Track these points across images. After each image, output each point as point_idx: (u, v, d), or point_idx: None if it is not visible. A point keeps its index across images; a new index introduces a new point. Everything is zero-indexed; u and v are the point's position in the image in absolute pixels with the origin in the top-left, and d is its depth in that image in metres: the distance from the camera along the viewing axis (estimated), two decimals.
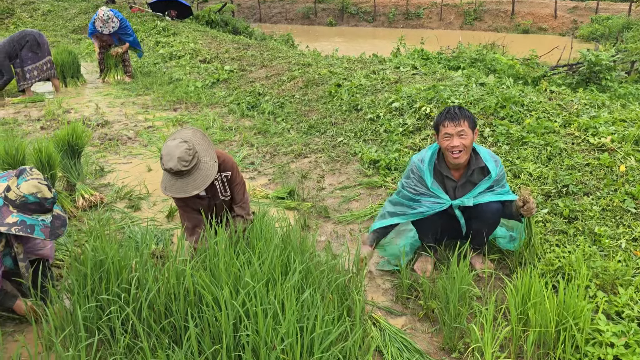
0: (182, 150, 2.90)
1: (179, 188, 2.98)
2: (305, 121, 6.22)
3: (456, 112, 2.94)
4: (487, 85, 5.87)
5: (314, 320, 2.19)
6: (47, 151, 3.85)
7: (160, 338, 2.32)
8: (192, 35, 11.83)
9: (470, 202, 3.02)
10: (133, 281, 2.41)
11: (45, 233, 2.51)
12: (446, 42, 12.29)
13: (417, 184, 3.09)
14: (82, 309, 2.31)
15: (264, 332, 2.04)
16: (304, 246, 2.89)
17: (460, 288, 2.61)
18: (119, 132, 6.30)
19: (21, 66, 7.83)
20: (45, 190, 2.51)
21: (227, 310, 2.12)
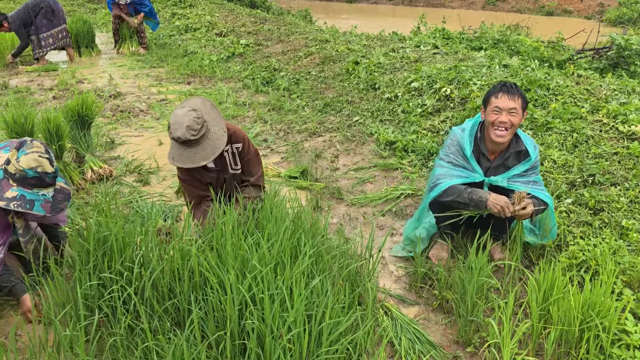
0: (191, 118, 2.78)
1: (187, 158, 2.86)
2: (320, 99, 6.05)
3: (512, 86, 2.82)
4: (511, 67, 5.64)
5: (324, 309, 2.08)
6: (55, 121, 3.75)
7: (163, 320, 2.23)
8: (208, 8, 11.61)
9: (503, 182, 2.89)
10: (137, 260, 2.31)
11: (45, 208, 2.43)
12: (468, 22, 11.92)
13: (456, 153, 2.96)
14: (83, 286, 2.22)
15: (270, 319, 1.94)
16: (315, 229, 2.78)
17: (479, 280, 2.48)
18: (132, 104, 6.19)
19: (36, 33, 7.72)
20: (46, 164, 2.41)
21: (233, 294, 2.02)
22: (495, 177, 2.90)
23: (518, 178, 2.89)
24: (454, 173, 2.94)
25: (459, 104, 5.02)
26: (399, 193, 3.87)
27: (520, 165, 2.89)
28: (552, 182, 3.59)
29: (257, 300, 2.06)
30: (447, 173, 2.94)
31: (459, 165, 2.95)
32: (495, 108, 2.80)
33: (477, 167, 2.92)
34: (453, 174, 2.93)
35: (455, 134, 3.02)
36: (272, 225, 2.55)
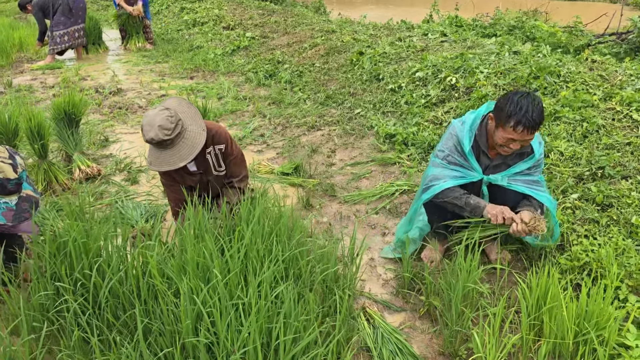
0: (163, 117, 2.63)
1: (164, 161, 2.72)
2: (322, 91, 5.85)
3: (535, 118, 2.38)
4: (522, 53, 5.34)
5: (289, 320, 1.90)
6: (37, 120, 3.64)
7: (123, 334, 2.08)
8: (217, 1, 11.47)
9: (503, 181, 2.64)
10: (94, 267, 2.17)
11: (6, 217, 2.30)
12: (485, 10, 11.52)
13: (452, 149, 2.71)
14: (34, 296, 2.09)
15: (223, 334, 1.77)
16: (295, 230, 2.60)
17: (465, 285, 2.27)
18: (131, 100, 6.09)
19: (51, 30, 7.77)
20: (8, 170, 2.28)
21: (187, 306, 1.85)
22: (495, 175, 2.66)
23: (519, 177, 2.65)
24: (449, 173, 2.69)
25: (464, 94, 4.76)
26: (394, 189, 3.66)
27: (522, 163, 2.64)
28: (558, 176, 3.33)
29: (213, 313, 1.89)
30: (442, 173, 2.70)
31: (455, 164, 2.70)
32: (510, 138, 2.48)
33: (475, 165, 2.67)
34: (448, 174, 2.69)
35: (454, 127, 2.75)
36: (243, 228, 2.38)
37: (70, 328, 2.06)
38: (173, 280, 2.09)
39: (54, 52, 7.88)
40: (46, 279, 2.20)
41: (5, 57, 7.83)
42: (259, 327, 1.79)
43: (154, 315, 2.03)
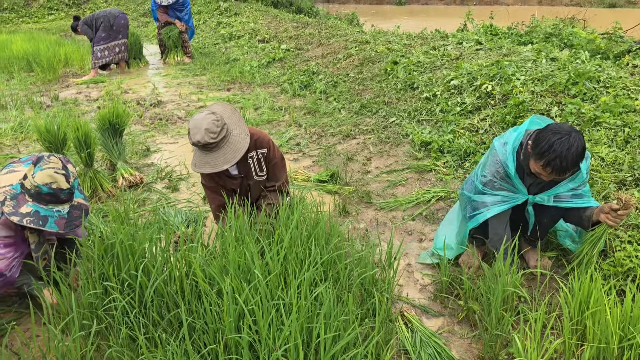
0: (209, 121, 2.71)
1: (208, 163, 2.79)
2: (357, 100, 5.90)
3: (565, 165, 2.30)
4: (559, 60, 5.27)
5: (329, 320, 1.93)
6: (84, 130, 3.80)
7: (167, 332, 2.15)
8: (252, 15, 11.72)
9: (549, 201, 2.57)
10: (140, 268, 2.25)
11: (59, 225, 2.39)
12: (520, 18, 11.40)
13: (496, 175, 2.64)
14: (84, 295, 2.18)
15: (265, 332, 1.81)
16: (333, 235, 2.63)
17: (505, 290, 2.25)
18: (171, 111, 6.27)
19: (93, 45, 8.16)
20: (61, 180, 2.38)
21: (230, 305, 1.91)
22: (541, 195, 2.60)
23: (564, 194, 2.58)
24: (493, 200, 2.65)
25: (500, 101, 4.72)
26: (430, 196, 3.66)
27: (568, 182, 2.54)
28: (600, 182, 3.27)
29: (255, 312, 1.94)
30: (487, 200, 2.66)
31: (500, 189, 2.64)
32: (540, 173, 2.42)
33: (520, 186, 2.61)
34: (492, 200, 2.65)
35: (496, 151, 2.66)
36: (282, 231, 2.43)
37: (117, 326, 2.14)
38: (215, 281, 2.15)
39: (96, 67, 8.20)
40: (95, 279, 2.29)
41: (52, 72, 8.18)
42: (299, 326, 1.82)
43: (197, 315, 2.09)
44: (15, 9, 16.29)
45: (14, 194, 2.38)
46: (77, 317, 2.06)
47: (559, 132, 2.33)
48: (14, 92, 7.19)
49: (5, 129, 5.53)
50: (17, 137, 5.37)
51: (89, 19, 8.11)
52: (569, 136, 2.31)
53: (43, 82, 7.98)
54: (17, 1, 16.64)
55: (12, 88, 7.53)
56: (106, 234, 2.55)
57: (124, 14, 8.34)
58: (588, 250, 2.56)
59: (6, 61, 8.76)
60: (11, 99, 6.77)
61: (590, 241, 2.55)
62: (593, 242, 2.55)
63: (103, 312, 2.21)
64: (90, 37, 8.19)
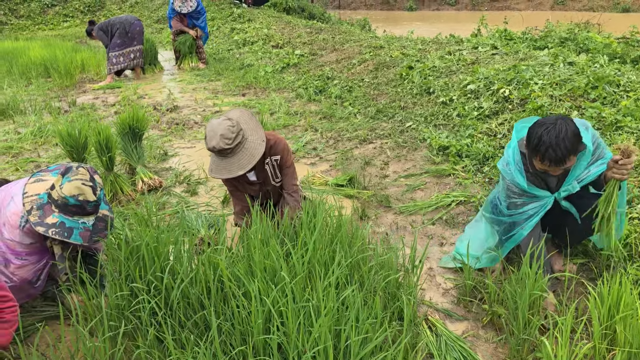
0: (225, 127, 2.73)
1: (224, 169, 2.81)
2: (373, 105, 5.90)
3: (559, 154, 2.27)
4: (577, 64, 5.24)
5: (355, 323, 1.93)
6: (105, 133, 3.84)
7: (193, 333, 2.16)
8: (266, 22, 11.79)
9: (576, 186, 2.51)
10: (166, 270, 2.26)
11: (84, 237, 2.37)
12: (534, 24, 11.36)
13: (513, 195, 2.62)
14: (112, 297, 2.20)
15: (294, 334, 1.81)
16: (355, 238, 2.63)
17: (532, 293, 2.23)
18: (187, 116, 6.32)
19: (108, 51, 8.25)
20: (88, 192, 2.36)
21: (257, 307, 1.91)
22: (564, 187, 2.55)
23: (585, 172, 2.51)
24: (523, 217, 2.61)
25: (518, 105, 4.70)
26: (450, 200, 3.65)
27: (581, 162, 2.47)
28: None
29: (283, 314, 1.94)
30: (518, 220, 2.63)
31: (524, 204, 2.61)
32: (545, 169, 2.41)
33: (541, 193, 2.57)
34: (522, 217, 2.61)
35: (502, 175, 2.67)
36: (306, 234, 2.43)
37: (145, 328, 2.15)
38: (241, 283, 2.16)
39: (111, 72, 8.30)
40: (121, 280, 2.31)
41: (69, 78, 8.28)
42: (328, 328, 1.82)
43: (225, 317, 2.10)
44: (32, 16, 16.52)
45: (40, 203, 2.37)
46: (106, 317, 2.07)
47: (544, 123, 2.33)
48: (33, 98, 7.28)
49: (25, 134, 5.60)
50: (37, 142, 5.44)
51: (104, 25, 8.20)
52: (554, 124, 2.30)
53: (60, 88, 8.07)
54: (33, 8, 16.88)
55: (30, 93, 7.63)
56: (131, 236, 2.57)
57: (139, 20, 8.43)
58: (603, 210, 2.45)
59: (24, 67, 8.88)
60: (30, 104, 6.86)
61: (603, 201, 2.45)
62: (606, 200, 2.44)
63: (130, 314, 2.22)
64: (105, 43, 8.27)
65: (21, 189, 2.45)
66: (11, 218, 2.39)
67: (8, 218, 2.40)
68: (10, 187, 2.54)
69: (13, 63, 9.12)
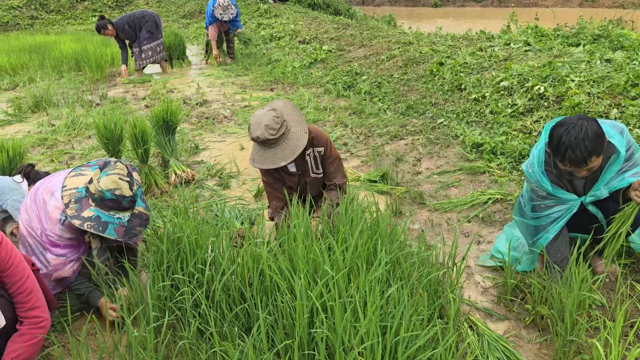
0: (270, 117, 2.72)
1: (267, 159, 2.80)
2: (403, 101, 5.85)
3: (579, 155, 2.21)
4: (615, 61, 5.12)
5: (400, 320, 1.91)
6: (141, 126, 3.87)
7: (233, 325, 2.16)
8: (292, 17, 11.79)
9: (605, 192, 2.44)
10: (208, 262, 2.27)
11: (118, 233, 2.36)
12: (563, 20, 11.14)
13: (538, 199, 2.57)
14: (154, 288, 2.21)
15: (341, 329, 1.80)
16: (394, 234, 2.60)
17: (580, 294, 2.18)
18: (217, 111, 6.35)
19: (139, 45, 8.18)
20: (125, 187, 2.35)
21: (302, 301, 1.90)
22: (592, 192, 2.48)
23: (616, 178, 2.44)
24: (548, 220, 2.57)
25: (554, 103, 4.61)
26: (486, 198, 3.59)
27: (612, 167, 2.41)
28: None
29: (327, 308, 1.93)
30: (543, 223, 2.59)
31: (549, 207, 2.56)
32: (568, 170, 2.36)
33: (566, 196, 2.51)
34: (548, 220, 2.57)
35: (527, 177, 2.60)
36: (346, 229, 2.42)
37: (186, 319, 2.16)
38: (284, 276, 2.15)
39: (140, 67, 8.33)
40: (163, 271, 2.32)
41: (100, 71, 8.39)
42: (374, 324, 1.80)
43: (267, 310, 2.10)
44: (62, 11, 16.80)
45: (78, 197, 2.38)
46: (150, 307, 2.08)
47: (565, 124, 2.28)
48: (65, 91, 7.40)
49: (59, 126, 5.69)
50: (70, 134, 5.52)
51: (129, 20, 8.01)
52: (575, 125, 2.24)
53: (91, 81, 8.19)
54: (63, 3, 17.16)
55: (62, 87, 7.75)
56: (170, 228, 2.58)
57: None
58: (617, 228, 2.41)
59: (56, 61, 9.03)
60: (62, 97, 6.97)
61: (619, 219, 2.39)
62: (623, 220, 2.38)
63: (171, 305, 2.23)
64: (131, 39, 8.14)
65: (61, 182, 2.48)
66: (53, 212, 2.42)
67: (50, 212, 2.43)
68: (51, 181, 2.57)
69: (45, 57, 9.28)
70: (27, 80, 8.16)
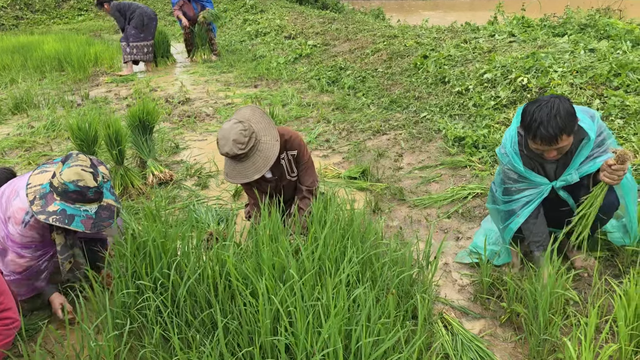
0: (237, 131, 2.64)
1: (239, 173, 2.74)
2: (386, 96, 5.78)
3: (550, 131, 2.20)
4: (599, 51, 5.07)
5: (367, 323, 1.85)
6: (115, 127, 3.79)
7: (200, 332, 2.10)
8: (278, 12, 11.68)
9: (575, 176, 2.41)
10: (173, 267, 2.20)
11: (85, 225, 2.28)
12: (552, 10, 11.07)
13: (509, 180, 2.55)
14: (117, 294, 2.15)
15: (303, 334, 1.74)
16: (367, 233, 2.55)
17: (553, 292, 2.13)
18: (199, 109, 6.26)
19: (126, 40, 8.22)
20: (88, 178, 2.28)
21: (265, 306, 1.84)
22: (563, 177, 2.45)
23: (587, 163, 2.39)
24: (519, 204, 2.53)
25: (537, 94, 4.56)
26: (466, 193, 3.54)
27: (583, 151, 2.37)
28: None
29: (291, 313, 1.87)
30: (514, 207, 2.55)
31: (520, 191, 2.53)
32: (539, 149, 2.32)
33: (538, 179, 2.48)
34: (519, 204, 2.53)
35: (500, 159, 2.58)
36: (317, 229, 2.36)
37: (150, 326, 2.10)
38: (249, 280, 2.09)
39: (128, 60, 8.31)
40: (127, 277, 2.26)
41: (82, 71, 8.28)
42: (338, 329, 1.75)
43: (232, 315, 2.04)
44: (47, 11, 16.61)
45: (43, 193, 2.32)
46: (111, 316, 2.02)
47: (538, 101, 2.28)
48: (46, 92, 7.29)
49: (39, 128, 5.60)
50: (50, 136, 5.43)
51: (123, 6, 8.14)
52: (547, 102, 2.23)
53: (74, 81, 8.07)
54: (48, 3, 16.96)
55: (44, 87, 7.64)
56: (138, 232, 2.51)
57: (156, 15, 8.39)
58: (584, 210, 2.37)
59: (39, 61, 8.90)
60: (43, 98, 6.86)
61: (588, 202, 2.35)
62: (591, 202, 2.34)
63: (136, 312, 2.17)
64: (121, 25, 8.23)
65: (26, 182, 2.41)
66: (17, 213, 2.36)
67: (14, 213, 2.36)
68: (17, 181, 2.51)
69: (27, 57, 9.15)
70: (8, 82, 8.04)
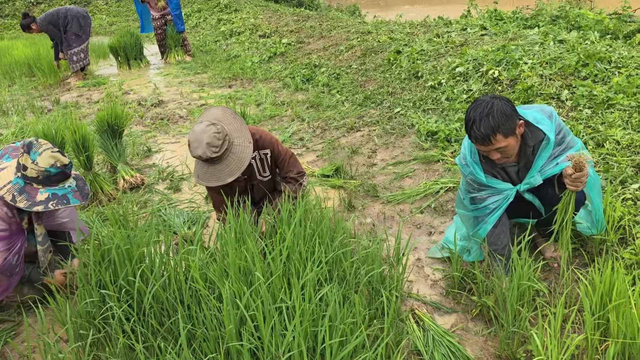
0: (210, 134, 2.58)
1: (212, 176, 2.68)
2: (361, 92, 5.77)
3: (482, 130, 2.18)
4: (568, 42, 5.11)
5: (335, 323, 1.83)
6: (81, 132, 3.71)
7: (167, 340, 2.06)
8: (252, 11, 11.60)
9: (539, 179, 2.39)
10: (138, 273, 2.16)
11: (77, 197, 2.43)
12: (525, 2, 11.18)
13: (473, 189, 2.52)
14: (81, 304, 2.09)
15: (267, 338, 1.71)
16: (337, 231, 2.52)
17: (521, 284, 2.13)
18: (172, 111, 6.18)
19: (68, 49, 7.80)
20: (60, 157, 2.39)
21: (230, 311, 1.81)
22: (526, 180, 2.42)
23: (549, 164, 2.38)
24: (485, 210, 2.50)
25: (508, 87, 4.58)
26: (438, 187, 3.54)
27: (543, 153, 2.35)
28: (615, 166, 3.13)
29: (256, 317, 1.83)
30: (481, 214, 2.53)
31: (485, 199, 2.50)
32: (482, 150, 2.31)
33: (501, 186, 2.45)
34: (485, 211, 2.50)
35: (462, 170, 2.55)
36: (284, 230, 2.33)
37: (115, 335, 2.05)
38: (216, 285, 2.05)
39: (76, 69, 7.98)
40: (91, 286, 2.20)
41: (53, 76, 8.13)
42: (303, 331, 1.72)
43: (197, 321, 2.00)
44: (17, 15, 16.26)
45: (19, 188, 2.32)
46: (74, 327, 1.97)
47: (476, 101, 2.28)
48: (16, 98, 7.14)
49: (7, 135, 5.47)
50: None
51: (52, 18, 7.60)
52: (483, 102, 2.23)
53: (44, 87, 7.93)
54: (19, 7, 16.62)
55: (13, 94, 7.48)
56: (102, 238, 2.46)
57: (87, 13, 7.99)
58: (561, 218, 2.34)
59: (8, 67, 8.73)
60: (12, 105, 6.72)
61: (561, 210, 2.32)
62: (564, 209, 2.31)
63: (100, 321, 2.12)
64: (58, 39, 7.76)
65: None
66: None
67: None
68: None
69: None
70: None
